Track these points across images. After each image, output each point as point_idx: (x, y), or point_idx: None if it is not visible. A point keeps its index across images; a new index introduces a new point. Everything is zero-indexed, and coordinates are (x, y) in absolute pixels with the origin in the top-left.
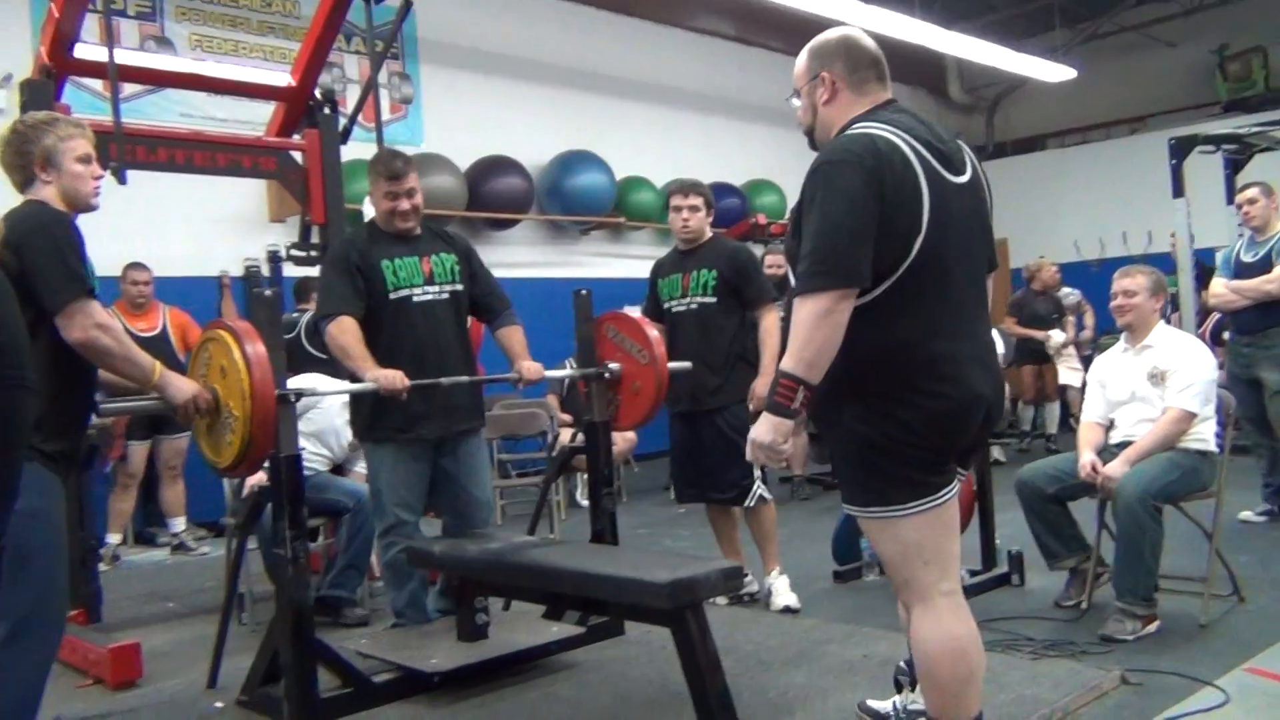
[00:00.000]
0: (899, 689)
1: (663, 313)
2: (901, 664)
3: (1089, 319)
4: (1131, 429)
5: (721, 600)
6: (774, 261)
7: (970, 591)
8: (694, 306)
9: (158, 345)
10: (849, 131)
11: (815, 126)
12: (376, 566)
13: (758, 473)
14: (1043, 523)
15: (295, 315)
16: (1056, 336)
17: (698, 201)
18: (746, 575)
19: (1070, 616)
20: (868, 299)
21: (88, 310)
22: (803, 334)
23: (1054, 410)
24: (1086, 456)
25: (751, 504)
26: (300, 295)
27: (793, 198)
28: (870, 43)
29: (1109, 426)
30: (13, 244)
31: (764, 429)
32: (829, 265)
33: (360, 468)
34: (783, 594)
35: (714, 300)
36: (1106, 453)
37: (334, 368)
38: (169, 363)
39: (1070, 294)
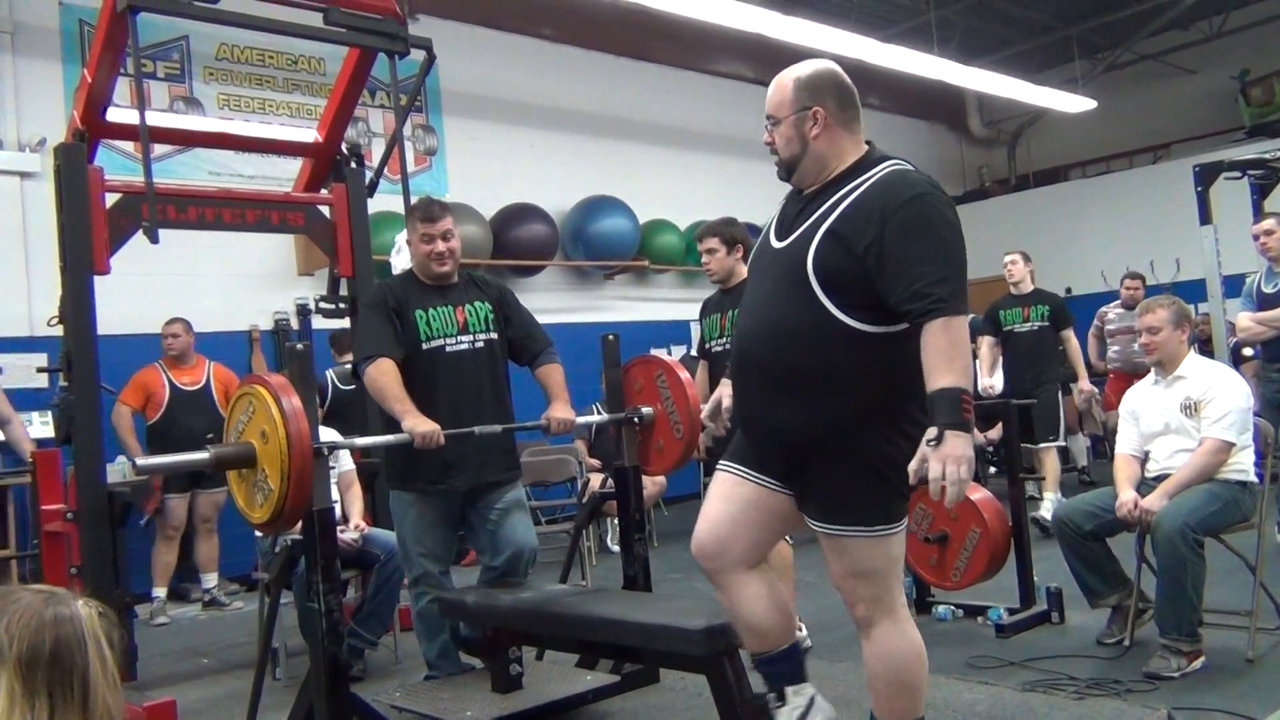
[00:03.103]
0: None
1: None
2: None
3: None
4: (1168, 461)
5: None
6: None
7: (1010, 630)
8: (730, 347)
9: (198, 400)
10: (911, 169)
11: (804, 158)
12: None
13: None
14: (1082, 561)
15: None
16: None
17: (713, 244)
18: (801, 629)
19: (1113, 654)
20: (902, 326)
21: None
22: (961, 351)
23: (1080, 442)
24: (1126, 494)
25: None
26: (336, 348)
27: None
28: (851, 82)
29: (1144, 459)
30: None
31: (963, 445)
32: (961, 292)
33: None
34: None
35: None
36: (1144, 486)
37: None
38: (206, 417)
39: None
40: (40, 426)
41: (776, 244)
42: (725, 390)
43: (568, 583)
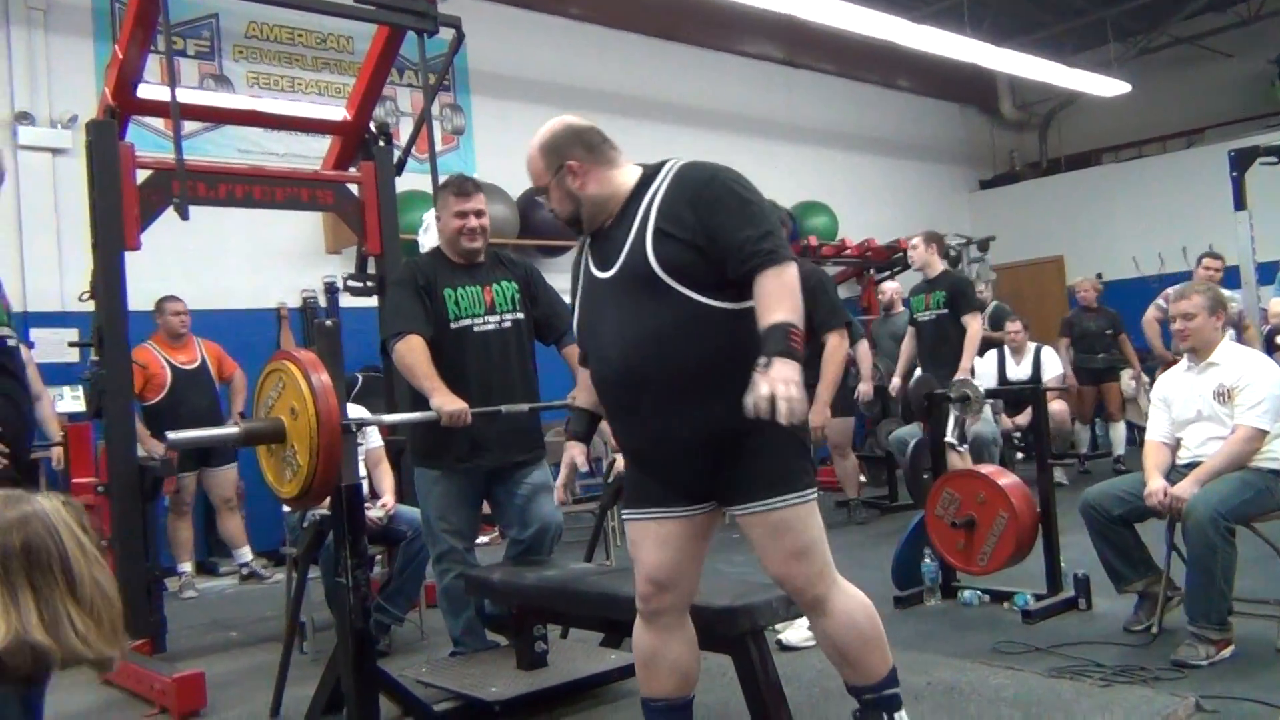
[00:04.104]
0: None
1: None
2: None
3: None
4: (1199, 448)
5: (811, 642)
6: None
7: (1036, 616)
8: None
9: (198, 378)
10: (696, 159)
11: (584, 206)
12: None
13: None
14: (1110, 546)
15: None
16: (1127, 382)
17: None
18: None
19: (1140, 641)
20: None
21: None
22: (789, 292)
23: (1119, 430)
24: (1156, 483)
25: None
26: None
27: (844, 219)
28: (585, 120)
29: (1175, 446)
30: None
31: (789, 369)
32: (783, 243)
33: None
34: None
35: None
36: (1174, 473)
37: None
38: (206, 395)
39: (1232, 298)
40: (71, 401)
41: (604, 274)
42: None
43: (592, 562)
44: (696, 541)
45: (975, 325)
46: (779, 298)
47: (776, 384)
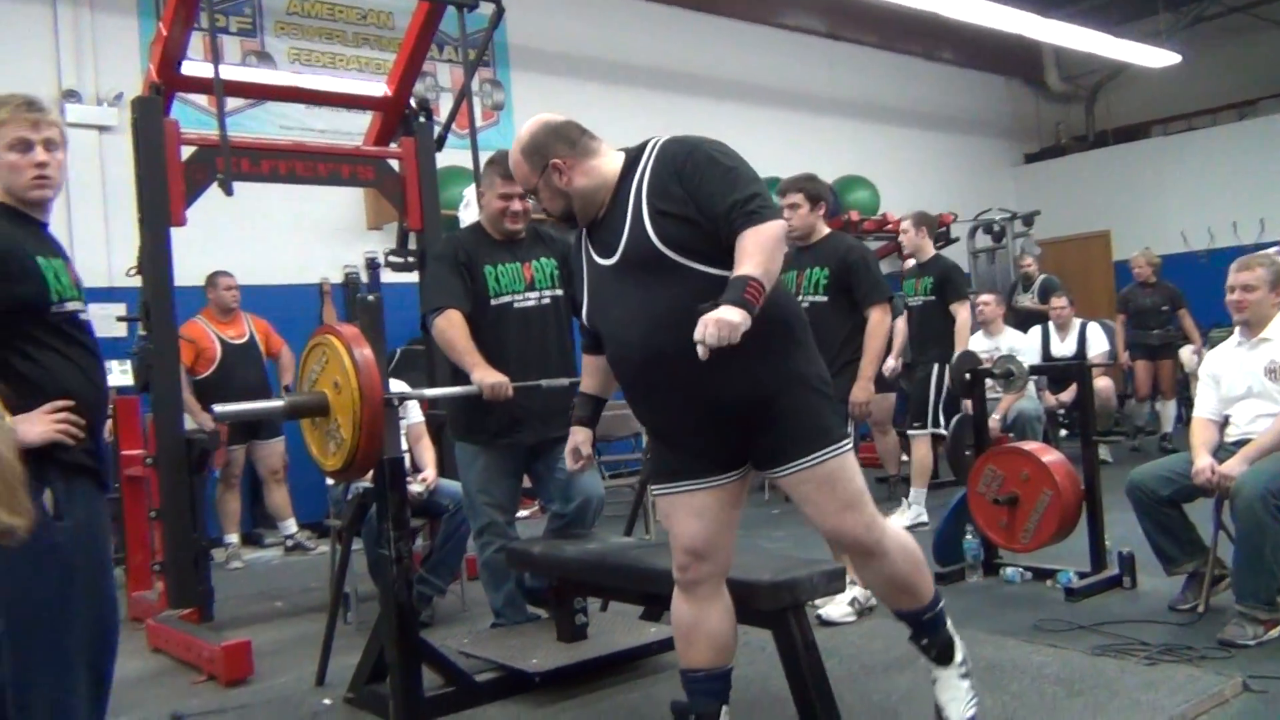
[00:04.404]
0: None
1: None
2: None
3: None
4: (1249, 426)
5: (851, 617)
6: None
7: (1080, 594)
8: (806, 305)
9: (247, 352)
10: (661, 138)
11: (574, 201)
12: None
13: None
14: (1158, 528)
15: None
16: (1188, 358)
17: (796, 199)
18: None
19: (1187, 620)
20: None
21: None
22: (771, 249)
23: (1169, 408)
24: (1203, 460)
25: None
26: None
27: (886, 194)
28: (561, 116)
29: (1223, 424)
30: None
31: (734, 314)
32: (768, 202)
33: None
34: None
35: (825, 299)
36: (1223, 451)
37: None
38: (256, 370)
39: None
40: (120, 375)
41: (607, 261)
42: None
43: (632, 536)
44: (729, 509)
45: (964, 314)
46: (750, 253)
47: (710, 325)
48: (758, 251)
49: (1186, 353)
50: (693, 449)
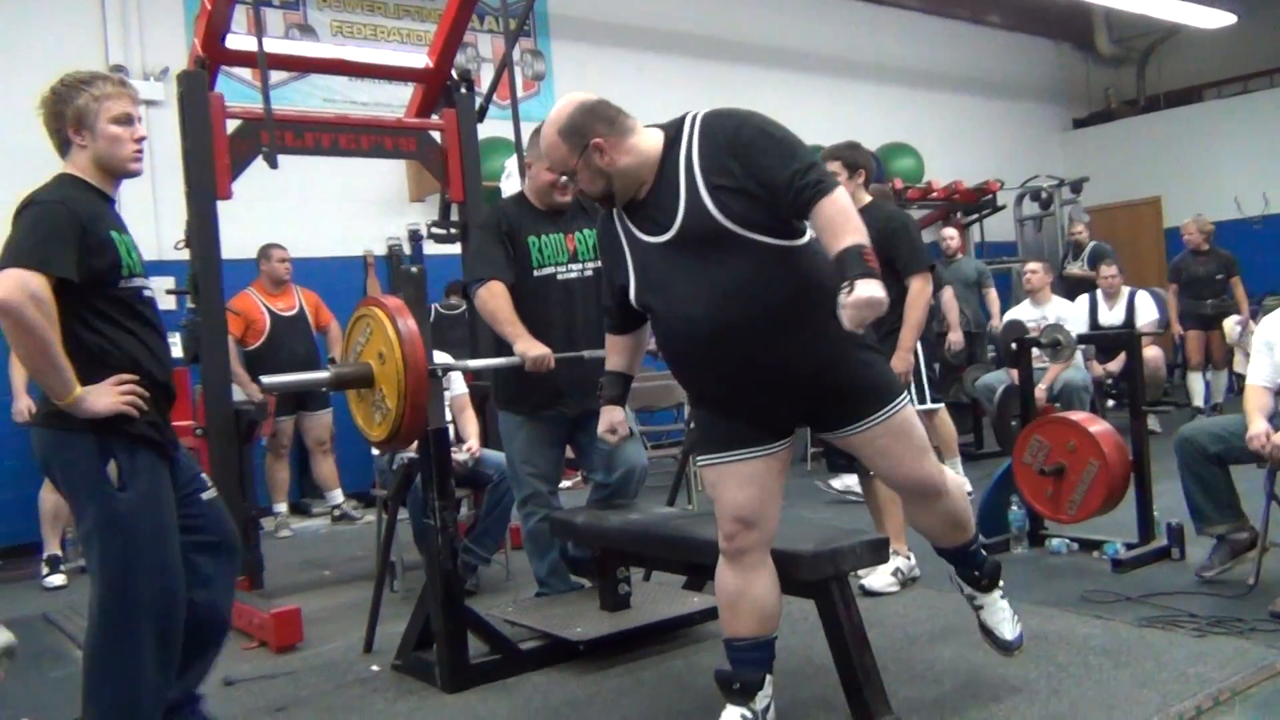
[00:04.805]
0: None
1: None
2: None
3: None
4: None
5: (895, 587)
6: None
7: (1127, 565)
8: None
9: (296, 324)
10: (699, 111)
11: (615, 181)
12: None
13: None
14: (1199, 483)
15: None
16: (1230, 328)
17: (835, 167)
18: (909, 558)
19: (1237, 593)
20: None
21: (23, 278)
22: (850, 215)
23: (1221, 379)
24: (1258, 426)
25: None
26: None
27: (931, 162)
28: (593, 95)
29: (1278, 391)
30: (13, 221)
31: (872, 287)
32: (825, 171)
33: None
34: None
35: None
36: (1277, 419)
37: None
38: (305, 342)
39: None
40: (170, 347)
41: (658, 238)
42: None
43: (674, 506)
44: (777, 477)
45: (918, 286)
46: (842, 223)
47: (860, 309)
48: (848, 219)
49: (1230, 323)
50: (749, 418)
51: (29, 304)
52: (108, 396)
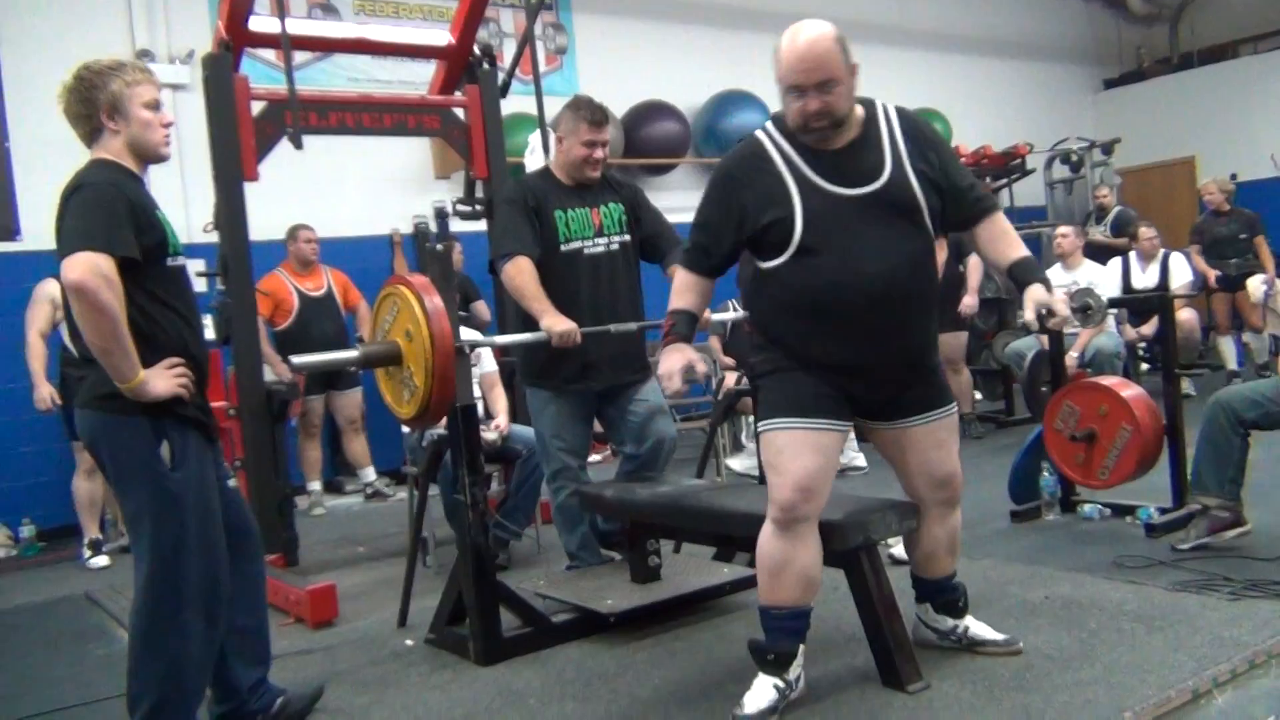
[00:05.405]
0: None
1: None
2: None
3: None
4: None
5: None
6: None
7: (1161, 530)
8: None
9: (325, 305)
10: (884, 102)
11: (848, 114)
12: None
13: None
14: (1213, 450)
15: None
16: (1255, 287)
17: None
18: None
19: (1272, 555)
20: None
21: (95, 260)
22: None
23: (1262, 342)
24: None
25: None
26: None
27: (958, 126)
28: None
29: None
30: (61, 207)
31: (1046, 289)
32: None
33: None
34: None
35: None
36: None
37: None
38: (334, 321)
39: None
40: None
41: (849, 190)
42: None
43: (703, 478)
44: (838, 455)
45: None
46: (1014, 235)
47: (1056, 305)
48: (1014, 234)
49: (1255, 282)
50: (855, 390)
51: (104, 286)
52: (165, 380)
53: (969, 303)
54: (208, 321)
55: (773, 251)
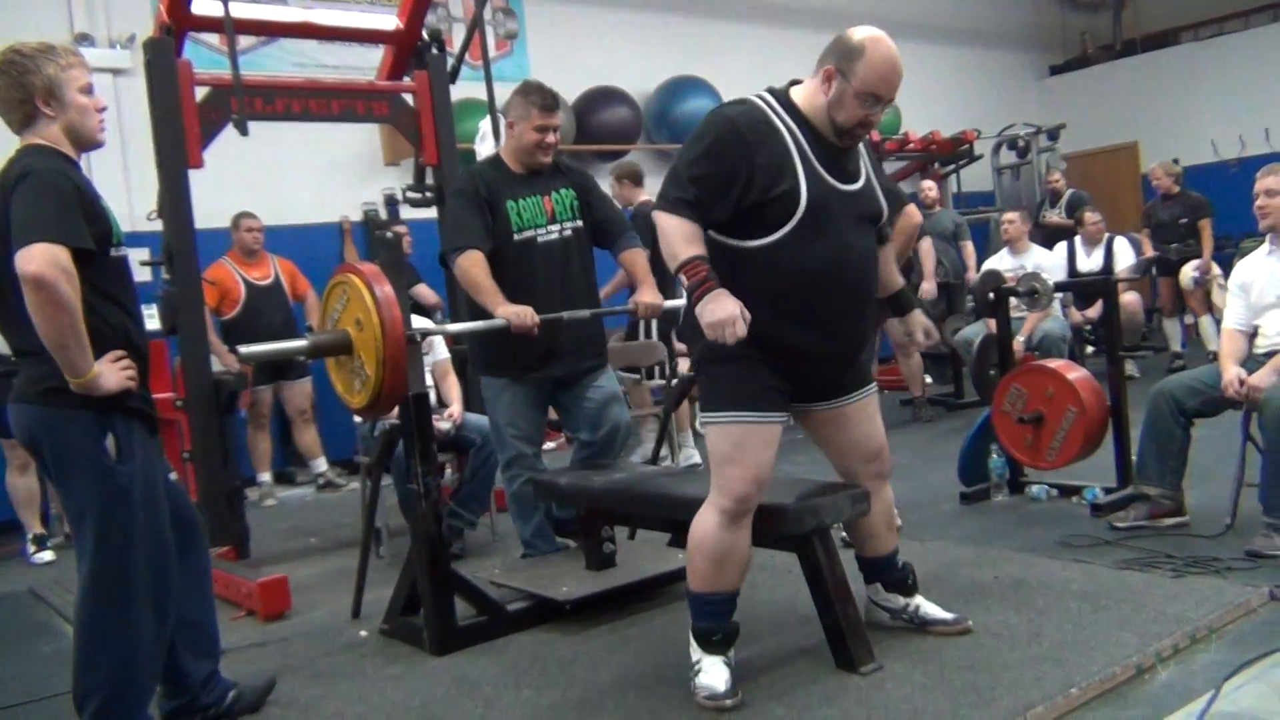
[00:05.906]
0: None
1: None
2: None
3: None
4: (1279, 336)
5: None
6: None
7: (1106, 509)
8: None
9: (272, 293)
10: None
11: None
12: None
13: None
14: (1155, 441)
15: None
16: (1184, 274)
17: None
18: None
19: (1214, 532)
20: None
21: (53, 252)
22: None
23: (1205, 324)
24: (1231, 372)
25: None
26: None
27: (909, 115)
28: None
29: (1252, 334)
30: (5, 195)
31: None
32: None
33: None
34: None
35: None
36: (1252, 362)
37: None
38: (282, 311)
39: None
40: (146, 319)
41: (845, 186)
42: None
43: (657, 464)
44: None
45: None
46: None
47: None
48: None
49: (1186, 269)
50: (797, 375)
51: (63, 279)
52: (115, 374)
53: (928, 288)
54: (150, 311)
55: (762, 229)
